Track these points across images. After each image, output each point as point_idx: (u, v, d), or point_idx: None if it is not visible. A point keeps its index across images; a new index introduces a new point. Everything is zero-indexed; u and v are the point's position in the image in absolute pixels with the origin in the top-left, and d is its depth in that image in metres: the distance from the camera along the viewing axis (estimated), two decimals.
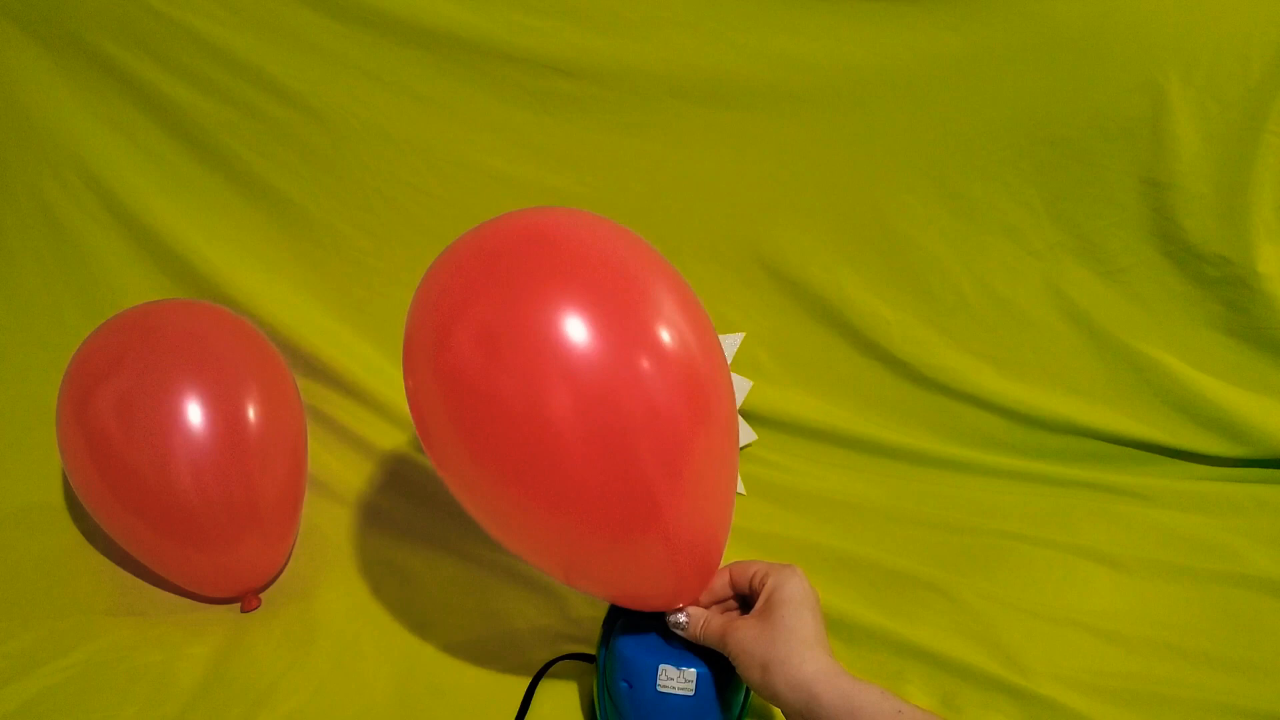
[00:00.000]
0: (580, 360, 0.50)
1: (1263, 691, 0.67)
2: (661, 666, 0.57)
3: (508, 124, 0.93)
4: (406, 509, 0.90)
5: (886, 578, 0.82)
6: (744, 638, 0.53)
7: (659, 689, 0.57)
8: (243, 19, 0.87)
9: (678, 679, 0.57)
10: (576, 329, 0.50)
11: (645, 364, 0.51)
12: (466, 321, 0.52)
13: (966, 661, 0.69)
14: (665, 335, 0.53)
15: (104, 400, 0.71)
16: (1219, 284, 0.97)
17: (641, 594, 0.58)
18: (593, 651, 0.66)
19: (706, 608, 0.59)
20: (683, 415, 0.52)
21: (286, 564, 0.82)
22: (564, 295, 0.51)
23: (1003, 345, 1.00)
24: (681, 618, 0.58)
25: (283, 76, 0.89)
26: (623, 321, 0.52)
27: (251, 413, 0.75)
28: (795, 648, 0.51)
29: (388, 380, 0.96)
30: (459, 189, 0.94)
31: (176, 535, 0.72)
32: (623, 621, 0.61)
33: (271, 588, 0.80)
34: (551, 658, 0.69)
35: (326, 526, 0.88)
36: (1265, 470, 0.96)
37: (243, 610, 0.76)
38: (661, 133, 0.93)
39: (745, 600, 0.58)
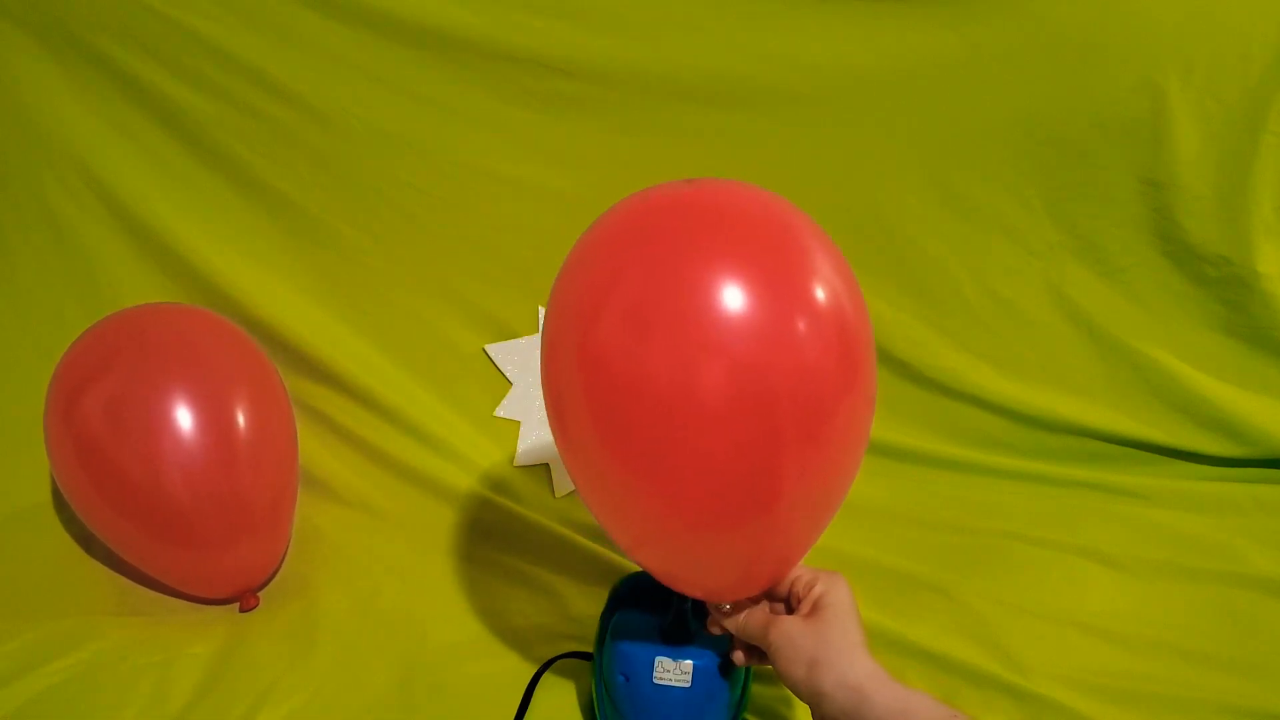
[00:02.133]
0: (734, 331, 0.47)
1: (1262, 691, 0.67)
2: (658, 659, 0.57)
3: (508, 124, 0.92)
4: (407, 508, 0.90)
5: (886, 577, 0.82)
6: (792, 632, 0.53)
7: (656, 681, 0.57)
8: (243, 19, 0.87)
9: (674, 671, 0.57)
10: (733, 295, 0.47)
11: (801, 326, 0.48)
12: (614, 302, 0.49)
13: (966, 661, 0.70)
14: (820, 294, 0.50)
15: (92, 404, 0.71)
16: (1219, 284, 0.97)
17: (705, 583, 0.56)
18: (592, 650, 0.66)
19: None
20: (831, 379, 0.49)
21: (281, 564, 0.82)
22: (719, 258, 0.48)
23: (1003, 345, 1.00)
24: (727, 605, 0.57)
25: (283, 77, 0.89)
26: (779, 284, 0.49)
27: (240, 414, 0.75)
28: (847, 649, 0.51)
29: (388, 380, 0.96)
30: (459, 189, 0.94)
31: (168, 538, 0.72)
32: (620, 616, 0.61)
33: (272, 587, 0.80)
34: (551, 656, 0.69)
35: (326, 526, 0.89)
36: (1265, 470, 0.97)
37: (241, 610, 0.76)
38: (662, 133, 0.93)
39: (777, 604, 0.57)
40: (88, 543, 0.84)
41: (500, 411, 0.98)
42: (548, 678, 0.68)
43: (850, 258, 0.97)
